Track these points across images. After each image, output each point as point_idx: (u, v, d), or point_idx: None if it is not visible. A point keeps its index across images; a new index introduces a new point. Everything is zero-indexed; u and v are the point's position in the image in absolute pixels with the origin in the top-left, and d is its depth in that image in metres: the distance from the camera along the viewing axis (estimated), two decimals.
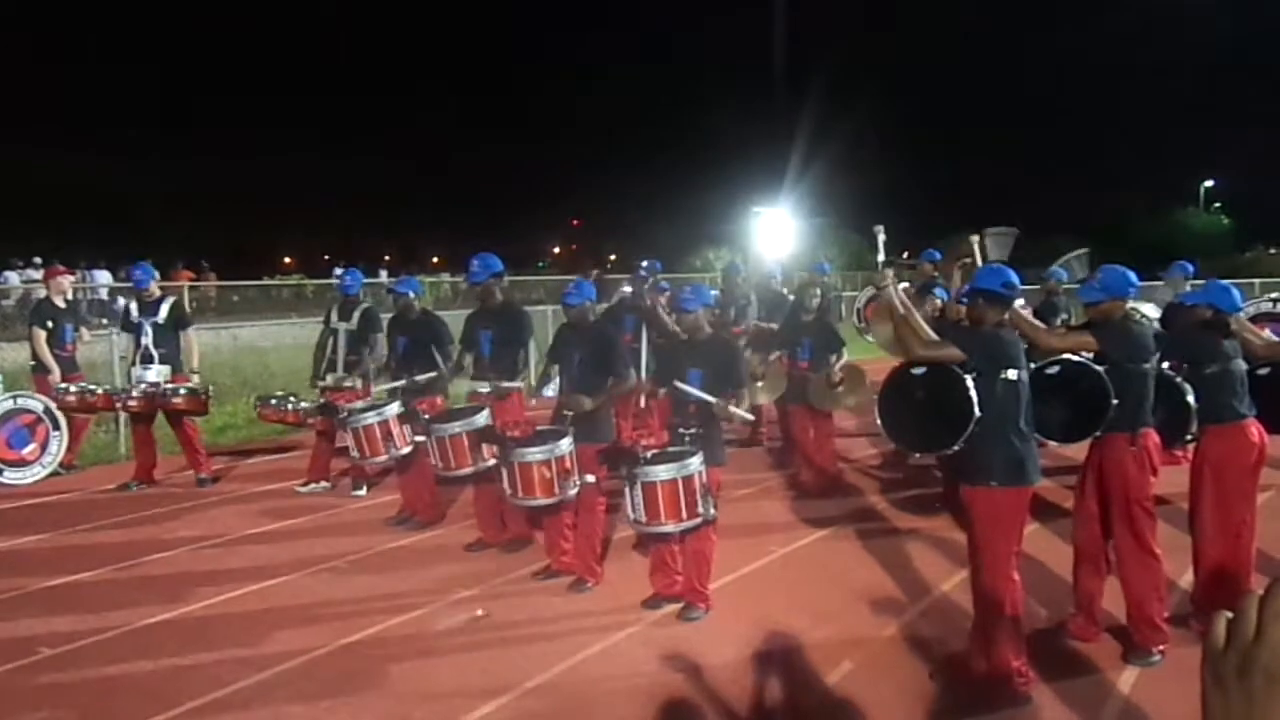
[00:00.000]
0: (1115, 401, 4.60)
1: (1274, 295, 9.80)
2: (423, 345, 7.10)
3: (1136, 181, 47.68)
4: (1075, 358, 4.80)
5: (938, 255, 9.60)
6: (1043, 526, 6.91)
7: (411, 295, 7.31)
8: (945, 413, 4.22)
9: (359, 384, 7.88)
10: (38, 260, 23.03)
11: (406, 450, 6.88)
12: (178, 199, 47.53)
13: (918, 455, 4.12)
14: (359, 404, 7.33)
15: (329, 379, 8.07)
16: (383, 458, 6.98)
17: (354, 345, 8.06)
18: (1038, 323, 4.98)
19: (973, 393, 4.11)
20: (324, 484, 8.23)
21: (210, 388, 8.69)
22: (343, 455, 8.04)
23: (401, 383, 6.96)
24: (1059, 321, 9.66)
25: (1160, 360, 5.15)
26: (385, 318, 7.95)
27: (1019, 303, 10.47)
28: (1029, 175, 51.18)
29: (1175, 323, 7.28)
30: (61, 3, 55.92)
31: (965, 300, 4.54)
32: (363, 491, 8.07)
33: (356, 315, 8.09)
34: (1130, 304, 4.95)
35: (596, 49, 71.66)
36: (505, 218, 54.81)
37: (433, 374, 6.97)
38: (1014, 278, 4.40)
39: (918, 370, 4.37)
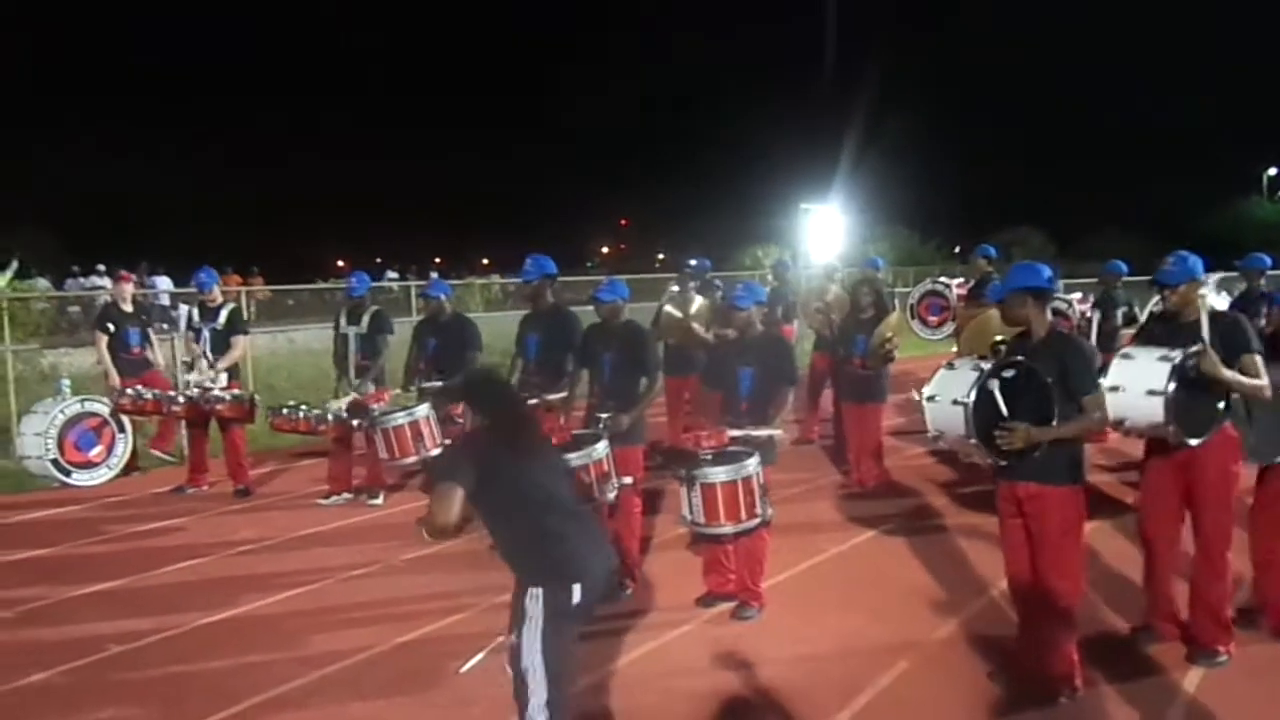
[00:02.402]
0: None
1: None
2: (453, 347, 7.15)
3: (1196, 172, 46.46)
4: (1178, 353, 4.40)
5: (993, 250, 9.46)
6: (1104, 523, 6.79)
7: (443, 298, 7.38)
8: (1033, 417, 4.09)
9: (372, 388, 7.75)
10: (101, 268, 23.60)
11: (436, 452, 6.85)
12: (231, 205, 48.52)
13: (989, 461, 4.13)
14: (386, 404, 7.38)
15: (345, 387, 7.90)
16: (412, 458, 6.90)
17: (365, 349, 7.95)
18: (1253, 380, 4.40)
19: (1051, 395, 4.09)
20: (346, 495, 8.08)
21: (256, 395, 8.77)
22: (361, 464, 8.13)
23: (438, 384, 6.97)
24: (1120, 313, 9.50)
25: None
26: (403, 321, 7.91)
27: (1076, 296, 10.28)
28: (1084, 168, 50.17)
29: (1250, 315, 7.07)
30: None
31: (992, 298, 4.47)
32: (379, 500, 7.98)
33: (366, 318, 7.99)
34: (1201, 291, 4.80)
35: (644, 47, 71.69)
36: (554, 218, 55.05)
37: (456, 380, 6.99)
38: (1049, 270, 4.39)
39: (1008, 374, 4.19)
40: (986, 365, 4.21)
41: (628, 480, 5.55)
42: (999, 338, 6.74)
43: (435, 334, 7.29)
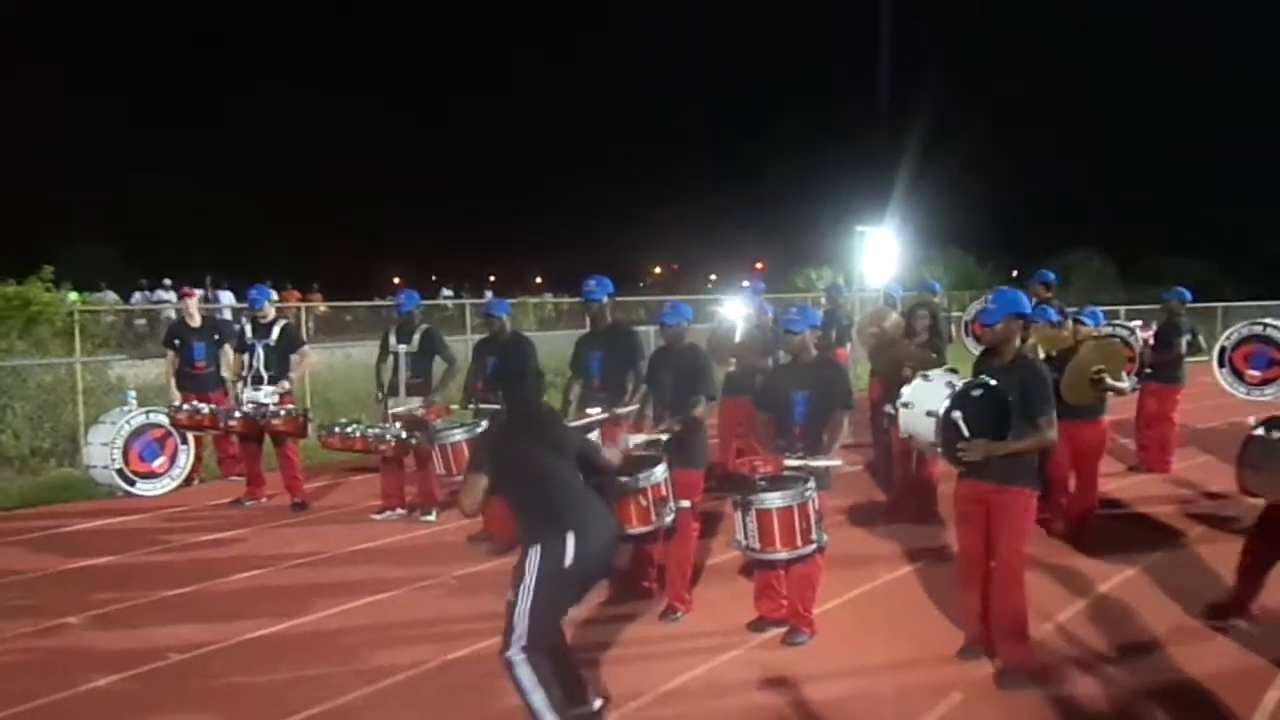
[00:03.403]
0: None
1: (1266, 320, 9.32)
2: (511, 366, 7.22)
3: (1265, 193, 45.10)
4: None
5: (1051, 276, 9.33)
6: (1162, 554, 6.66)
7: (503, 317, 7.55)
8: (993, 428, 4.66)
9: (426, 407, 7.83)
10: (167, 282, 24.21)
11: None
12: (292, 220, 49.47)
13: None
14: (442, 421, 7.49)
15: (394, 405, 7.95)
16: None
17: (416, 367, 8.01)
18: None
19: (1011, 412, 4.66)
20: (400, 511, 8.17)
21: (309, 410, 8.90)
22: (412, 481, 8.19)
23: (495, 407, 7.06)
24: (1184, 341, 9.30)
25: None
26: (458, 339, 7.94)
27: (1137, 324, 10.10)
28: (1147, 189, 49.07)
29: None
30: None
31: (985, 323, 4.97)
32: (432, 517, 8.02)
33: (417, 337, 8.04)
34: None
35: (699, 69, 71.82)
36: (606, 237, 55.29)
37: None
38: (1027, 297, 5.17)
39: (975, 393, 4.70)
40: (956, 379, 4.77)
41: (685, 503, 5.54)
42: (1097, 368, 6.71)
43: (494, 353, 7.41)
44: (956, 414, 4.61)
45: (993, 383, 4.70)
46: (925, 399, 4.75)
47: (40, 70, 46.80)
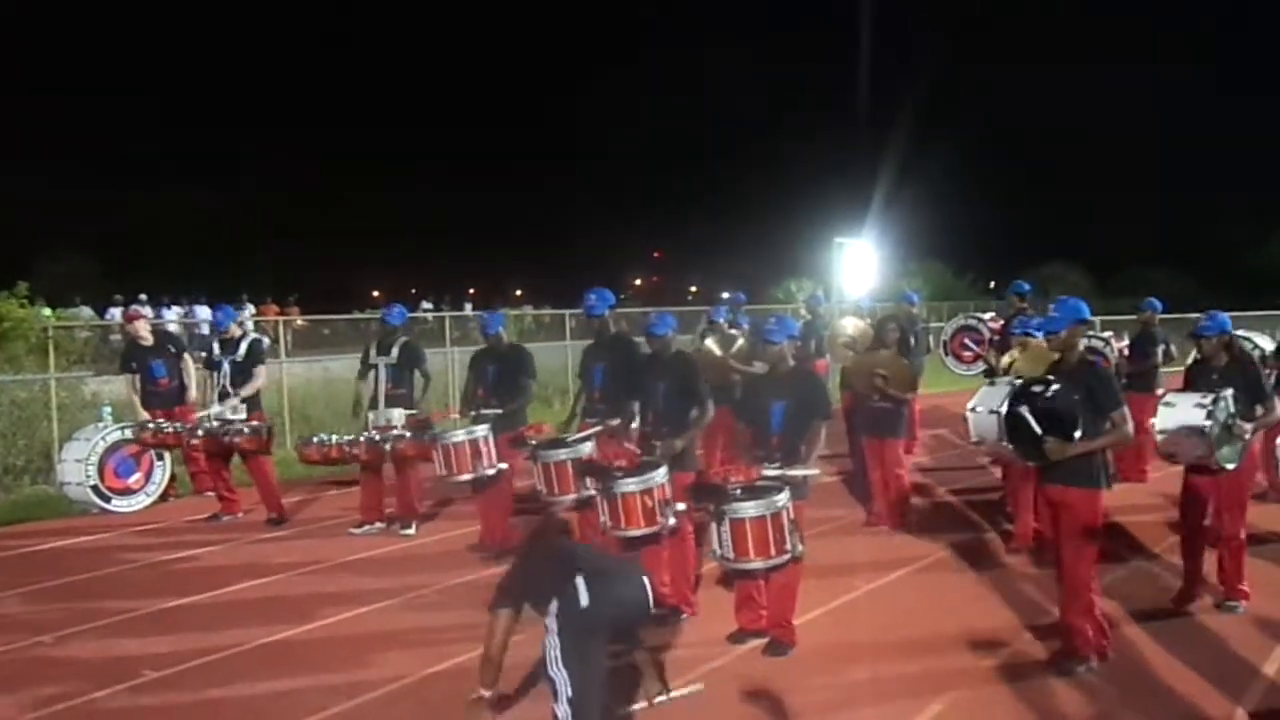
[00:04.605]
0: None
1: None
2: (510, 375, 7.36)
3: (1244, 206, 45.53)
4: None
5: (1026, 286, 9.41)
6: (1143, 561, 6.69)
7: (500, 330, 7.69)
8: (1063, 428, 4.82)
9: (404, 419, 7.88)
10: (143, 297, 24.06)
11: (492, 471, 7.03)
12: (272, 234, 49.23)
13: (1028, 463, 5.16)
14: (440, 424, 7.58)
15: (375, 418, 7.96)
16: (468, 476, 7.02)
17: (396, 379, 8.03)
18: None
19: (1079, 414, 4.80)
20: (378, 525, 8.12)
21: (272, 426, 8.90)
22: (391, 493, 8.17)
23: (498, 411, 7.17)
24: (1160, 351, 9.40)
25: None
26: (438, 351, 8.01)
27: (1108, 334, 10.23)
28: (1125, 203, 49.47)
29: None
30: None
31: (1051, 330, 5.18)
32: (411, 530, 7.98)
33: (396, 349, 8.06)
34: (1242, 333, 5.64)
35: (678, 80, 71.89)
36: (587, 250, 55.20)
37: (514, 405, 7.23)
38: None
39: (1037, 388, 4.97)
40: (1019, 384, 5.17)
41: (680, 506, 5.55)
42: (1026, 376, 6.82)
43: (495, 362, 7.55)
44: (1023, 408, 4.86)
45: (1056, 385, 4.91)
46: (990, 401, 5.32)
47: (24, 73, 46.67)
